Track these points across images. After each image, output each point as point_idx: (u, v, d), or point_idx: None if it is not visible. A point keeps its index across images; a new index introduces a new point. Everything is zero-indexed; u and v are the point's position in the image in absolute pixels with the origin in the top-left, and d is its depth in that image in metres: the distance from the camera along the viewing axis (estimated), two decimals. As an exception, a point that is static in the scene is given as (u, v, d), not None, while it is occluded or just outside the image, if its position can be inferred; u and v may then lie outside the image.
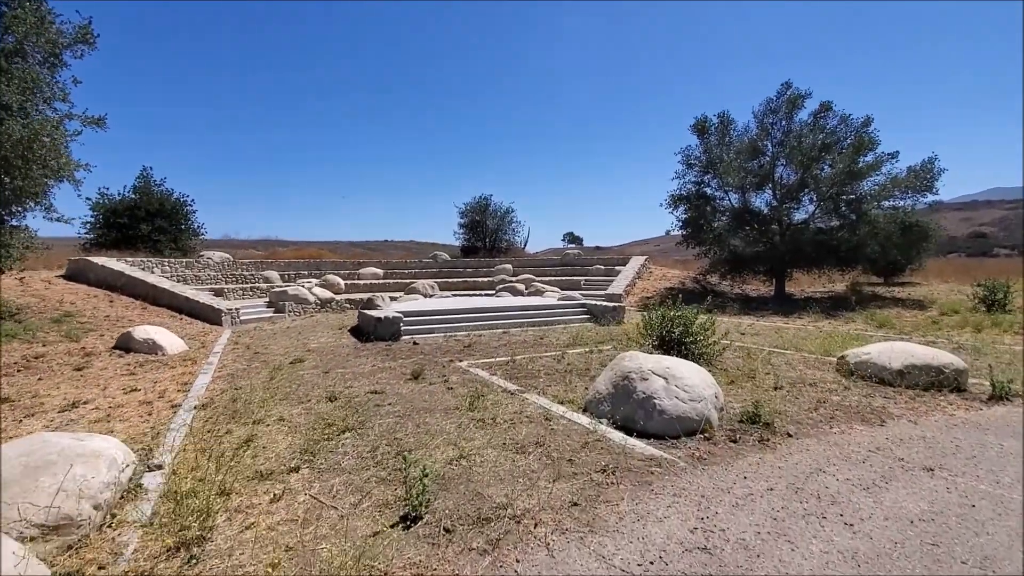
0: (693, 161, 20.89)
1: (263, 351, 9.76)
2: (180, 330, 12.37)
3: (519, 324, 12.63)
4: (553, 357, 8.51)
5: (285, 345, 10.43)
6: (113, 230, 20.05)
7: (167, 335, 9.69)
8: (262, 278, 20.45)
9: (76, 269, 15.68)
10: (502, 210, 31.05)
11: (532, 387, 6.51)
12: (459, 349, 9.60)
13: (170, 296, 14.62)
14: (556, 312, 13.83)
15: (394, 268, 25.01)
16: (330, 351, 9.55)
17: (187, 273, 18.46)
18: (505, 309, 13.41)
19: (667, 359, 5.24)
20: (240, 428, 5.00)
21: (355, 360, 8.60)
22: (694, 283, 22.13)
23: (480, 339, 10.77)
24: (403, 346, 10.05)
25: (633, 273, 21.69)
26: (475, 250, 30.81)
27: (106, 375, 7.54)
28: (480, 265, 26.22)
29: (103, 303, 13.38)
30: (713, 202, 20.71)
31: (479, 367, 7.84)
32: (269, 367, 8.07)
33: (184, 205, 21.83)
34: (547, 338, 10.85)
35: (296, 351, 9.62)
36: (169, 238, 20.94)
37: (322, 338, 11.27)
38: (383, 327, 10.76)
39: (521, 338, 10.93)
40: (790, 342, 9.78)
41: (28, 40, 9.94)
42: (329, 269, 23.21)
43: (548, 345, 9.98)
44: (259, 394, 6.26)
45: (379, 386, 6.67)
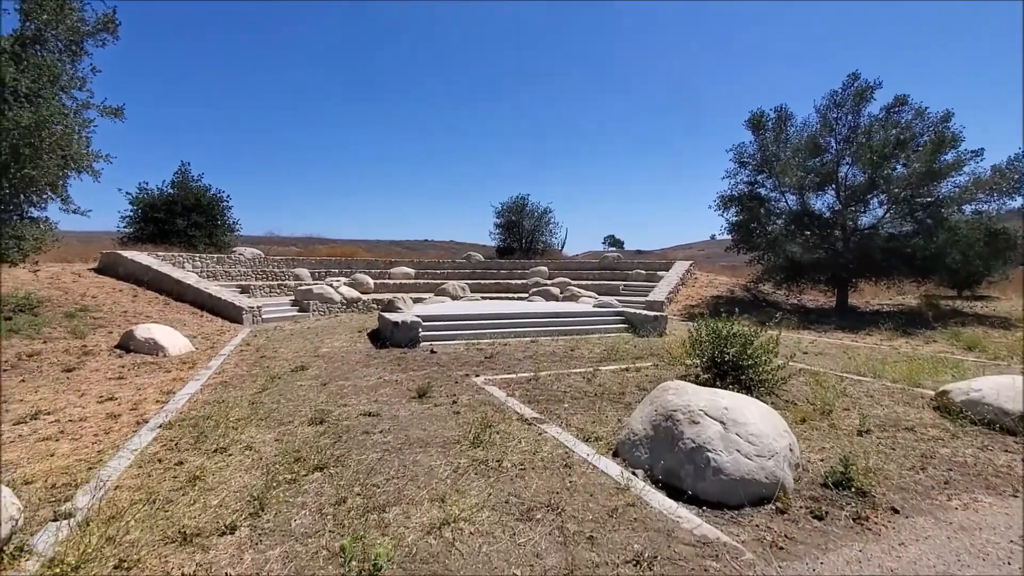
0: (746, 159, 19.29)
1: (271, 355, 9.08)
2: (197, 328, 11.95)
3: (549, 332, 11.57)
4: (583, 375, 7.41)
5: (296, 348, 9.74)
6: (151, 224, 20.16)
7: (171, 335, 9.14)
8: (292, 275, 20.14)
9: (107, 263, 15.65)
10: (539, 210, 30.02)
11: (554, 414, 5.46)
12: (479, 360, 8.63)
13: (194, 292, 14.32)
14: (591, 320, 12.69)
15: (426, 268, 24.37)
16: (340, 358, 8.77)
17: (217, 269, 18.28)
18: (535, 315, 12.37)
19: (723, 395, 4.07)
20: (197, 457, 4.17)
21: (362, 370, 7.76)
22: (744, 291, 20.45)
23: (504, 349, 9.77)
24: (419, 354, 9.16)
25: (676, 279, 20.21)
26: (510, 251, 29.89)
27: (93, 378, 6.95)
28: (515, 267, 25.26)
29: (126, 298, 13.15)
30: (767, 204, 19.03)
31: (496, 384, 6.84)
32: (268, 375, 7.32)
33: (220, 201, 21.80)
34: (579, 350, 9.74)
35: (304, 356, 8.89)
36: (204, 233, 20.92)
37: (337, 342, 10.53)
38: (400, 332, 9.93)
39: (550, 349, 9.87)
40: (865, 366, 8.32)
41: (48, 27, 9.63)
42: (360, 268, 22.77)
43: (579, 359, 8.88)
44: (240, 411, 5.46)
45: (377, 405, 5.76)
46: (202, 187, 21.55)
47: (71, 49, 10.16)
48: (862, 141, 16.87)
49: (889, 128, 16.79)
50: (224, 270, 18.42)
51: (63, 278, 13.81)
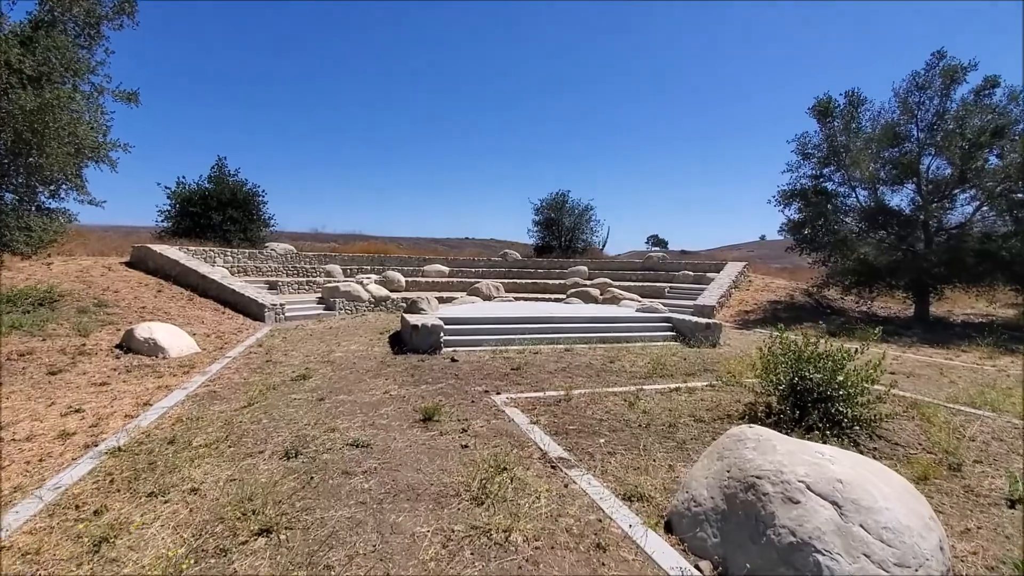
0: (811, 150, 17.41)
1: (278, 359, 8.31)
2: (214, 326, 11.40)
3: (587, 339, 10.37)
4: (623, 396, 6.21)
5: (308, 351, 8.95)
6: (187, 219, 20.14)
7: (174, 335, 8.50)
8: (323, 272, 19.67)
9: (138, 257, 15.49)
10: (580, 207, 28.68)
11: (586, 454, 4.32)
12: (503, 372, 7.56)
13: (218, 288, 13.88)
14: (633, 326, 11.40)
15: (460, 266, 23.51)
16: (350, 364, 7.88)
17: (248, 264, 17.97)
18: (572, 319, 11.19)
19: (830, 455, 2.82)
20: (125, 504, 3.28)
21: (369, 381, 6.82)
22: (805, 296, 18.54)
23: (534, 358, 8.67)
24: (437, 362, 8.18)
25: (729, 282, 18.53)
26: (549, 249, 28.70)
27: (74, 384, 6.29)
28: (552, 266, 24.07)
29: (149, 293, 12.80)
30: (835, 199, 17.10)
31: (519, 406, 5.74)
32: (264, 385, 6.49)
33: (255, 196, 21.63)
34: (619, 362, 8.52)
35: (312, 362, 8.06)
36: (239, 228, 20.76)
37: (354, 345, 9.69)
38: (419, 337, 8.98)
39: (586, 359, 8.69)
40: (977, 394, 6.73)
41: (63, 9, 9.19)
42: (393, 265, 22.15)
43: (619, 373, 7.67)
44: (208, 433, 4.59)
45: (372, 431, 4.77)
46: (238, 182, 21.43)
47: (87, 33, 9.73)
48: (951, 128, 14.79)
49: (984, 113, 14.65)
50: (255, 265, 18.10)
51: (93, 271, 13.63)
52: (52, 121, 8.12)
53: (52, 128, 8.16)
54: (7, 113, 7.88)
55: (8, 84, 7.77)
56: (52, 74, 8.80)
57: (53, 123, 8.15)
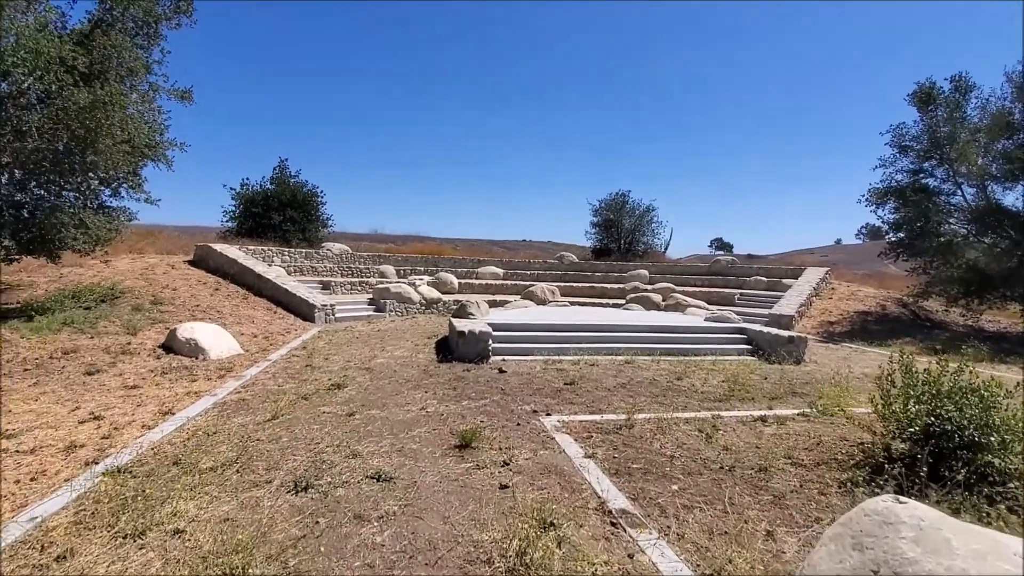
0: (908, 143, 15.45)
1: (319, 363, 7.90)
2: (264, 326, 11.28)
3: (649, 350, 9.37)
4: (697, 424, 5.24)
5: (350, 356, 8.51)
6: (249, 219, 20.66)
7: (217, 336, 8.28)
8: (377, 272, 19.57)
9: (200, 255, 15.86)
10: (641, 208, 27.27)
11: (655, 505, 3.45)
12: (556, 387, 6.75)
13: (272, 288, 13.90)
14: (702, 337, 10.26)
15: (515, 268, 22.85)
16: (390, 373, 7.33)
17: (304, 264, 18.10)
18: (632, 328, 10.21)
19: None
20: (95, 547, 2.75)
21: (407, 394, 6.21)
22: (899, 307, 16.49)
23: (591, 371, 7.80)
24: (485, 373, 7.48)
25: (809, 289, 16.76)
26: (607, 252, 27.48)
27: (108, 386, 6.06)
28: (611, 270, 22.93)
29: (206, 291, 12.94)
30: (937, 197, 15.05)
31: (572, 432, 4.92)
32: (296, 394, 6.02)
33: (314, 196, 21.93)
34: (688, 379, 7.50)
35: (352, 368, 7.58)
36: (297, 228, 21.07)
37: (398, 350, 9.19)
38: (466, 344, 8.32)
39: (649, 374, 7.73)
40: None
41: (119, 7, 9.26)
42: (447, 266, 21.79)
43: (689, 393, 6.67)
44: (221, 453, 4.08)
45: (399, 459, 4.11)
46: (299, 183, 21.79)
47: (144, 32, 9.79)
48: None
49: None
50: (311, 265, 18.20)
51: (157, 269, 14.00)
52: (105, 118, 8.11)
53: (105, 125, 8.14)
54: (62, 110, 7.92)
55: (63, 82, 7.80)
56: (108, 72, 8.85)
57: (106, 120, 8.13)
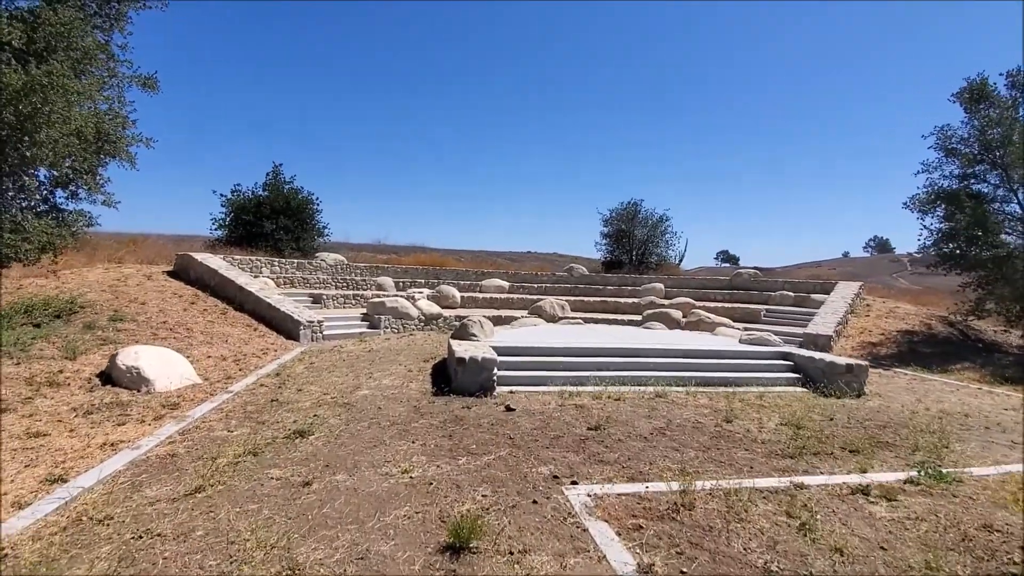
0: (955, 145, 14.06)
1: (288, 398, 6.52)
2: (239, 347, 9.94)
3: (681, 380, 7.96)
4: (780, 503, 3.81)
5: (328, 387, 7.14)
6: (240, 227, 19.44)
7: (167, 362, 6.92)
8: (374, 284, 18.25)
9: (180, 265, 14.60)
10: (654, 218, 25.92)
11: None
12: (579, 434, 5.34)
13: (255, 301, 12.58)
14: (741, 363, 8.84)
15: (522, 281, 21.49)
16: (372, 412, 5.94)
17: (295, 275, 16.80)
18: (660, 352, 8.80)
19: None
20: None
21: (390, 445, 4.82)
22: (945, 326, 14.98)
23: (617, 408, 6.39)
24: (489, 411, 6.09)
25: (844, 306, 15.28)
26: (618, 264, 26.10)
27: (7, 433, 4.70)
28: (624, 283, 21.53)
29: (179, 305, 11.62)
30: (988, 205, 13.63)
31: (612, 517, 3.51)
32: (246, 447, 4.64)
33: (309, 203, 20.70)
34: (739, 420, 6.08)
35: (327, 403, 6.20)
36: (291, 237, 19.82)
37: (387, 378, 7.81)
38: (466, 373, 6.94)
39: (689, 413, 6.31)
40: None
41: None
42: (449, 278, 20.46)
43: (746, 444, 5.25)
44: (88, 564, 2.70)
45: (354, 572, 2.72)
46: (293, 189, 20.58)
47: (105, 12, 8.59)
48: None
49: None
50: (303, 277, 16.90)
51: (130, 280, 12.71)
52: (43, 104, 6.85)
53: (43, 112, 6.88)
54: (-8, 93, 6.68)
55: None
56: (55, 54, 7.61)
57: (44, 106, 6.87)
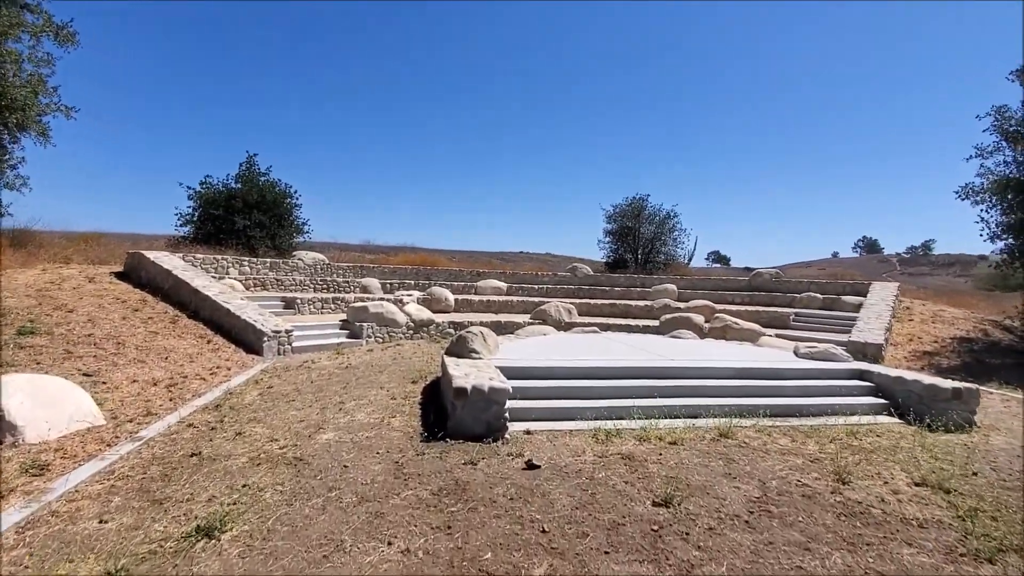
0: (1015, 127, 12.42)
1: (220, 449, 4.65)
2: (184, 364, 8.02)
3: (741, 407, 6.17)
4: None
5: (281, 426, 5.26)
6: (208, 223, 17.45)
7: (52, 398, 4.98)
8: (358, 287, 16.31)
9: (131, 265, 12.64)
10: (661, 214, 24.20)
11: None
12: (645, 521, 3.50)
13: (212, 307, 10.64)
14: (808, 384, 7.06)
15: (521, 282, 19.67)
16: (333, 475, 4.08)
17: (268, 276, 14.84)
18: (707, 372, 7.01)
19: None
20: None
21: (351, 552, 2.96)
22: (1001, 331, 13.33)
23: (680, 461, 4.57)
24: (502, 468, 4.25)
25: (888, 310, 13.60)
26: (622, 264, 24.36)
27: None
28: (632, 283, 19.78)
29: (119, 312, 9.68)
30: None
31: None
32: (111, 558, 2.78)
33: (286, 197, 18.75)
34: (856, 479, 4.29)
35: (267, 463, 4.32)
36: (266, 234, 17.88)
37: (363, 410, 5.95)
38: (468, 409, 5.09)
39: (782, 469, 4.51)
40: None
41: None
42: (441, 279, 18.59)
43: (898, 530, 3.45)
44: None
45: None
46: (269, 182, 18.63)
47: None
48: None
49: None
50: (276, 278, 14.94)
51: (67, 283, 10.77)
52: None
53: None
54: None
55: None
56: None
57: None
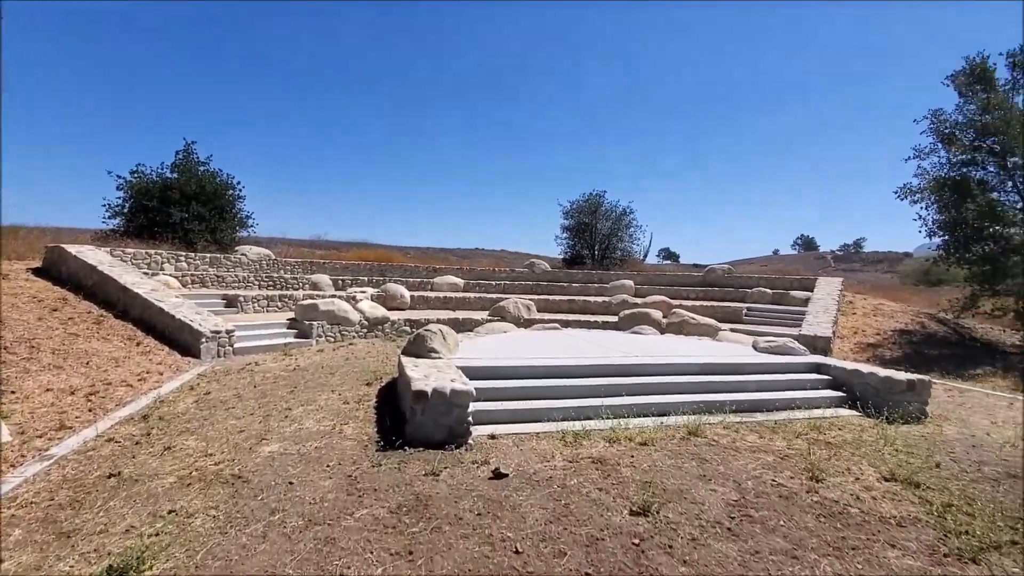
0: (949, 129, 13.07)
1: (144, 468, 4.11)
2: (109, 369, 7.25)
3: (709, 407, 6.09)
4: None
5: (218, 438, 4.73)
6: (141, 215, 16.15)
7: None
8: (308, 283, 15.51)
9: (51, 260, 11.49)
10: (618, 210, 24.37)
11: None
12: (623, 533, 3.26)
13: (143, 306, 9.76)
14: (768, 379, 7.09)
15: (478, 278, 19.30)
16: (276, 494, 3.64)
17: (208, 272, 13.84)
18: (672, 368, 6.90)
19: None
20: None
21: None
22: (937, 323, 14.08)
23: (653, 464, 4.39)
24: (467, 478, 3.93)
25: (834, 304, 14.11)
26: (579, 260, 24.39)
27: None
28: (590, 279, 19.80)
29: (34, 313, 8.70)
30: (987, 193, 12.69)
31: None
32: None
33: (228, 188, 17.62)
34: (828, 476, 4.23)
35: (198, 482, 3.83)
36: (206, 228, 16.72)
37: (312, 417, 5.48)
38: (429, 414, 4.73)
39: (756, 468, 4.39)
40: None
41: None
42: (396, 276, 17.97)
43: (876, 529, 3.37)
44: None
45: None
46: (209, 172, 17.44)
47: None
48: None
49: None
50: (217, 274, 13.96)
51: (-28, 280, 9.61)
52: None
53: None
54: None
55: None
56: None
57: None
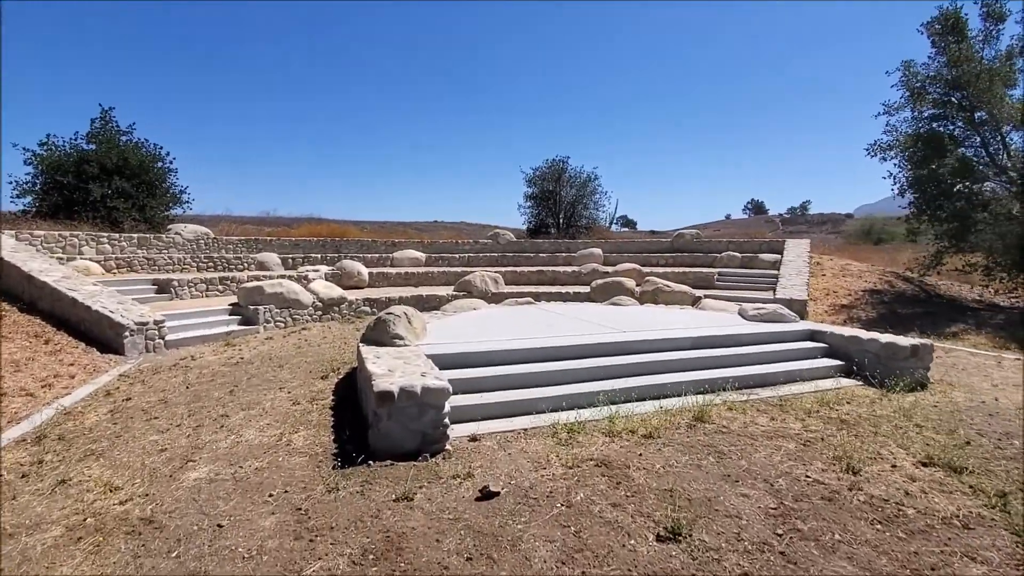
0: (920, 82, 12.80)
1: (23, 514, 3.13)
2: (9, 374, 6.03)
3: (707, 385, 5.51)
4: None
5: (132, 461, 3.78)
6: (55, 192, 14.27)
7: None
8: (253, 263, 14.17)
9: (-63, 247, 9.81)
10: (582, 177, 23.65)
11: None
12: (648, 559, 2.60)
13: (52, 297, 8.41)
14: (764, 350, 6.59)
15: (440, 252, 18.29)
16: (198, 545, 2.77)
17: (136, 255, 12.33)
18: (663, 344, 6.29)
19: None
20: None
21: None
22: (904, 282, 14.14)
23: (666, 462, 3.74)
24: (449, 502, 3.16)
25: (805, 266, 13.95)
26: (544, 229, 23.69)
27: None
28: (557, 249, 19.12)
29: (-91, 310, 7.26)
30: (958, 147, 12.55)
31: None
32: None
33: (157, 160, 15.80)
34: (863, 466, 3.69)
35: (94, 532, 2.90)
36: (133, 205, 14.95)
37: (255, 424, 4.57)
38: (396, 418, 3.90)
39: (781, 460, 3.82)
40: None
41: None
42: (352, 251, 16.75)
43: (940, 541, 2.82)
44: None
45: None
46: (133, 142, 15.56)
47: None
48: None
49: None
50: (147, 256, 12.46)
51: None
52: None
53: None
54: None
55: None
56: None
57: None
